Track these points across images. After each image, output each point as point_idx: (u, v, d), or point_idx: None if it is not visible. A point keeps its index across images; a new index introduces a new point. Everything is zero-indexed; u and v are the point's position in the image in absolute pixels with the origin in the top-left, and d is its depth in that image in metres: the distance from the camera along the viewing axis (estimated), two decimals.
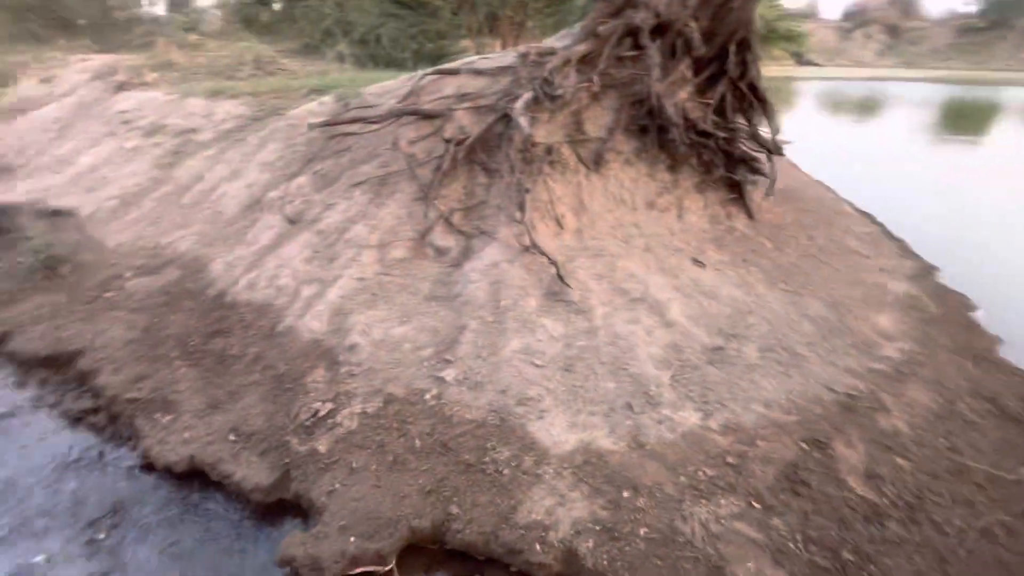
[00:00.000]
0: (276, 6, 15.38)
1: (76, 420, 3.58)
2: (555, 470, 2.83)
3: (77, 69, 10.41)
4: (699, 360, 3.59)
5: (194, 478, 3.10)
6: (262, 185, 5.39)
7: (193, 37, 11.85)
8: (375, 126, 5.34)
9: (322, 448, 3.00)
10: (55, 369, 3.91)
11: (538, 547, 2.51)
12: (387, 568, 2.58)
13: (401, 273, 4.23)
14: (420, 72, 5.70)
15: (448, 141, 4.78)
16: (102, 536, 2.81)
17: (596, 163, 4.91)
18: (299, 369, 3.51)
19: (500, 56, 5.83)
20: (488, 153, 4.84)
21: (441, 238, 4.44)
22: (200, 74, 9.01)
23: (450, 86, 5.41)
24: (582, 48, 5.02)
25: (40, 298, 4.47)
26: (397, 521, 2.66)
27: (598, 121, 5.07)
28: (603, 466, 2.86)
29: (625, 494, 2.70)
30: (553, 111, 4.88)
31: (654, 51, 4.93)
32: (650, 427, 3.09)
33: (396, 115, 5.14)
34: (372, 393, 3.29)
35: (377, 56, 11.06)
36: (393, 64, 10.46)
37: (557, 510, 2.64)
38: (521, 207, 4.38)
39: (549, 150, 4.78)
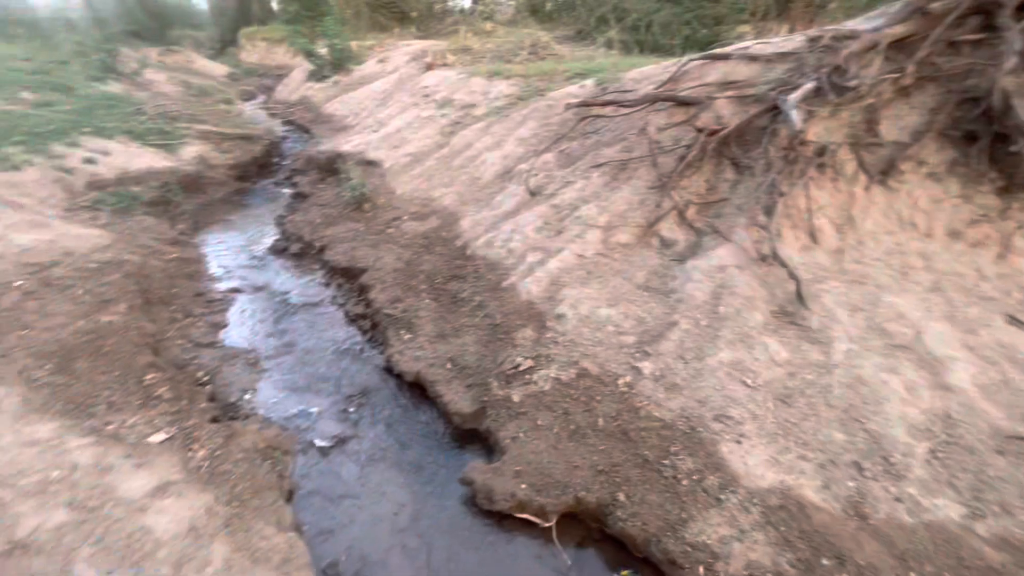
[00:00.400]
0: None
1: (352, 320, 4.65)
2: (741, 501, 2.54)
3: (401, 52, 13.06)
4: (981, 444, 2.72)
5: (417, 389, 3.75)
6: (515, 158, 5.98)
7: (488, 25, 13.63)
8: (627, 110, 5.37)
9: (516, 398, 3.29)
10: (347, 278, 5.14)
11: (701, 571, 2.31)
12: (547, 524, 2.73)
13: (620, 257, 4.24)
14: (686, 57, 5.46)
15: (700, 130, 4.51)
16: (352, 410, 3.65)
17: (884, 173, 4.02)
18: (511, 324, 3.87)
19: (783, 40, 5.17)
20: (743, 147, 4.40)
21: (669, 230, 4.27)
22: (486, 57, 10.35)
23: (715, 73, 5.05)
24: (899, 30, 4.09)
25: (348, 224, 5.89)
26: (566, 486, 2.77)
27: (900, 122, 4.11)
28: (803, 519, 2.44)
29: (825, 561, 2.27)
30: (838, 106, 4.14)
31: (1016, 34, 3.72)
32: (881, 499, 2.50)
33: (650, 100, 5.06)
34: (568, 363, 3.43)
35: (644, 43, 10.98)
36: (660, 51, 10.25)
37: (733, 543, 2.38)
38: (768, 211, 3.90)
39: (821, 151, 4.10)
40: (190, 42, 22.02)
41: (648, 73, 6.04)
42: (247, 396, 3.74)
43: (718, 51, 5.16)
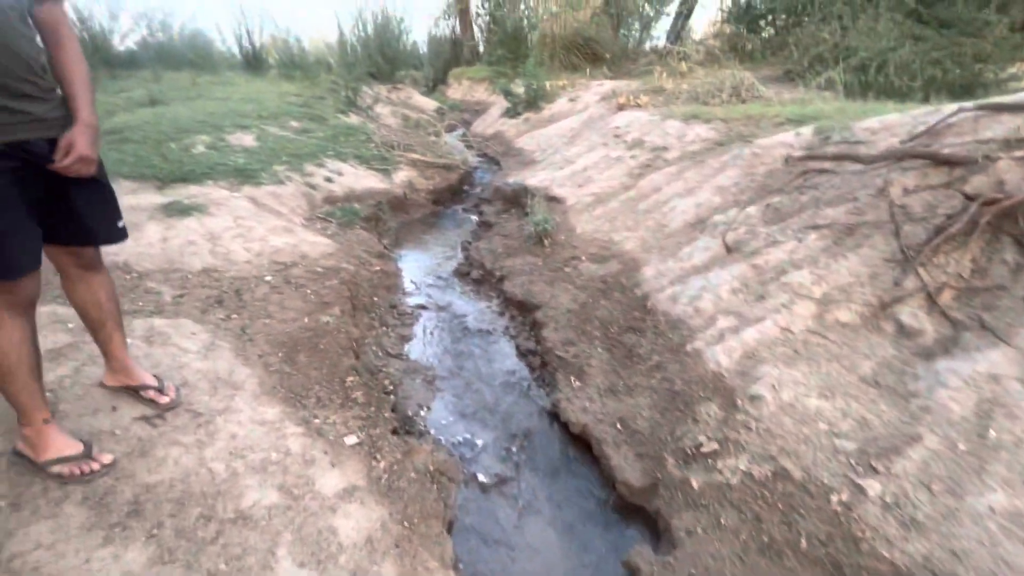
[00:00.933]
0: (765, 34, 15.41)
1: (522, 355, 4.70)
2: None
3: (592, 92, 13.38)
4: None
5: (581, 443, 3.58)
6: (710, 207, 5.55)
7: (683, 66, 13.27)
8: (859, 166, 4.61)
9: (695, 484, 2.91)
10: (521, 311, 5.24)
11: None
12: None
13: (838, 339, 3.56)
14: (952, 106, 4.50)
15: (970, 198, 3.62)
16: (513, 449, 3.62)
17: None
18: (693, 395, 3.49)
19: None
20: None
21: (912, 315, 3.47)
22: (682, 99, 10.02)
23: (997, 127, 4.05)
24: None
25: (527, 258, 6.07)
26: None
27: None
28: None
29: None
30: None
31: None
32: None
33: (897, 156, 4.26)
34: (763, 457, 2.93)
35: (872, 85, 9.54)
36: (892, 94, 8.81)
37: None
38: None
39: None
40: (409, 80, 25.70)
41: (890, 123, 5.14)
42: (422, 413, 3.96)
43: (1005, 100, 4.15)
